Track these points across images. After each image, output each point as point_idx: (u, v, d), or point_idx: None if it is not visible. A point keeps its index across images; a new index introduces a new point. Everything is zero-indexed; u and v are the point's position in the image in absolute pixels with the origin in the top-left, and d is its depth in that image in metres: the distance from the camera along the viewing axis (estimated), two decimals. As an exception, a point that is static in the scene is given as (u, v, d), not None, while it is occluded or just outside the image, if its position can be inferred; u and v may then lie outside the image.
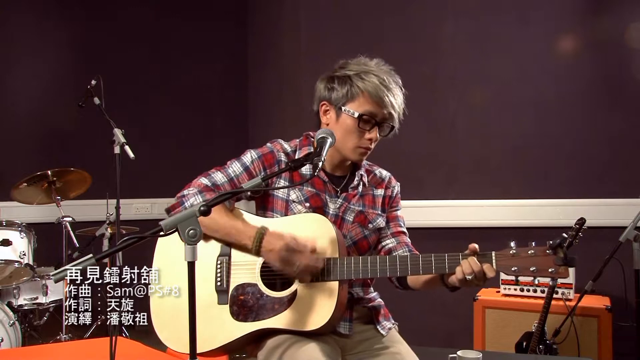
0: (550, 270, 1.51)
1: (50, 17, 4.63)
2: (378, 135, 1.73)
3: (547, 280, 3.10)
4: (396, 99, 1.72)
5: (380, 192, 1.87)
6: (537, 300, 3.05)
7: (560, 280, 3.01)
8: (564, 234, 1.51)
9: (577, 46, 3.49)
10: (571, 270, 3.09)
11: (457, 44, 3.59)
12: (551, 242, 1.50)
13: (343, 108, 1.72)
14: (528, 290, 3.18)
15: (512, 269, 1.53)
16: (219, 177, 1.75)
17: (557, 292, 3.00)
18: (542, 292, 3.11)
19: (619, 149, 3.40)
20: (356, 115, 1.69)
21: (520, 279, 3.19)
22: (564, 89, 3.47)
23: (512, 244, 1.55)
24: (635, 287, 2.59)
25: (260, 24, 4.73)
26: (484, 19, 3.55)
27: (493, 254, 1.55)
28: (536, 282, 3.16)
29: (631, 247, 2.56)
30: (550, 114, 3.48)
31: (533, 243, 1.54)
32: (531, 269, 1.52)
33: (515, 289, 3.20)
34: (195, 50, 4.87)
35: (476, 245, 1.56)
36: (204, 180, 1.75)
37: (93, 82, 3.43)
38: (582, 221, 2.70)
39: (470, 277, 1.52)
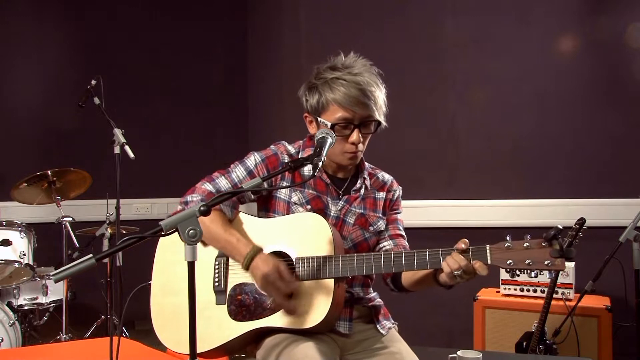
0: (546, 262, 1.47)
1: (50, 17, 4.63)
2: (361, 137, 1.69)
3: (545, 273, 3.10)
4: (371, 97, 1.66)
5: (381, 195, 1.87)
6: (537, 300, 3.05)
7: (560, 280, 3.01)
8: (559, 226, 1.46)
9: (577, 46, 3.49)
10: (571, 270, 3.09)
11: (457, 44, 3.59)
12: (546, 234, 1.46)
13: (319, 119, 1.72)
14: (528, 290, 3.17)
15: (508, 262, 1.50)
16: (223, 183, 1.75)
17: (557, 292, 3.00)
18: (542, 292, 3.11)
19: (619, 149, 3.40)
20: (329, 125, 1.68)
21: (520, 278, 3.19)
22: (564, 88, 3.47)
23: (508, 237, 1.52)
24: (635, 287, 2.59)
25: (260, 24, 4.73)
26: (484, 19, 3.55)
27: (487, 248, 1.52)
28: (534, 275, 3.15)
29: (631, 247, 2.56)
30: (550, 114, 3.48)
31: (528, 236, 1.50)
32: (527, 262, 1.48)
33: (515, 289, 3.20)
34: (196, 50, 4.87)
35: (467, 241, 1.53)
36: (208, 187, 1.74)
37: (93, 82, 3.43)
38: (582, 221, 2.71)
39: (458, 272, 1.50)
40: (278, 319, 1.63)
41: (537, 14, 3.50)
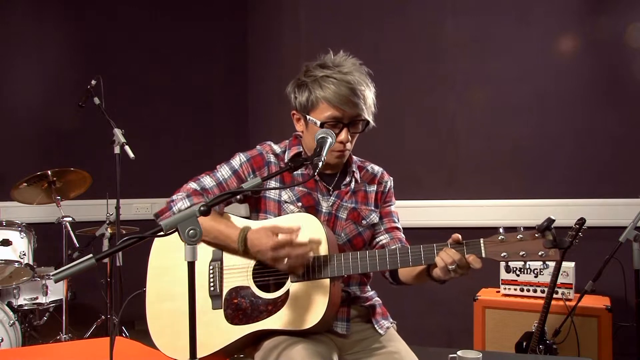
0: (540, 253, 1.47)
1: (50, 17, 4.63)
2: (349, 136, 1.70)
3: (545, 273, 3.10)
4: (361, 96, 1.67)
5: (372, 188, 1.87)
6: (537, 300, 3.05)
7: (560, 280, 3.01)
8: (551, 217, 1.46)
9: (576, 46, 3.49)
10: (571, 270, 3.09)
11: (457, 44, 3.59)
12: (539, 225, 1.47)
13: (308, 117, 1.72)
14: (528, 290, 3.17)
15: (502, 254, 1.50)
16: (207, 181, 1.76)
17: (557, 292, 3.00)
18: (542, 292, 3.11)
19: (619, 149, 3.40)
20: (319, 124, 1.68)
21: (521, 278, 3.19)
22: (564, 88, 3.47)
23: (501, 229, 1.52)
24: (635, 287, 2.59)
25: (260, 24, 4.73)
26: (484, 19, 3.55)
27: (481, 241, 1.52)
28: (534, 275, 3.15)
29: (631, 247, 2.56)
30: (550, 114, 3.48)
31: (522, 227, 1.50)
32: (520, 253, 1.49)
33: (515, 289, 3.20)
34: (196, 50, 4.87)
35: (459, 236, 1.54)
36: (193, 185, 1.75)
37: (93, 82, 3.43)
38: (582, 221, 2.71)
39: (452, 267, 1.50)
40: (275, 321, 1.63)
41: (537, 14, 3.50)
